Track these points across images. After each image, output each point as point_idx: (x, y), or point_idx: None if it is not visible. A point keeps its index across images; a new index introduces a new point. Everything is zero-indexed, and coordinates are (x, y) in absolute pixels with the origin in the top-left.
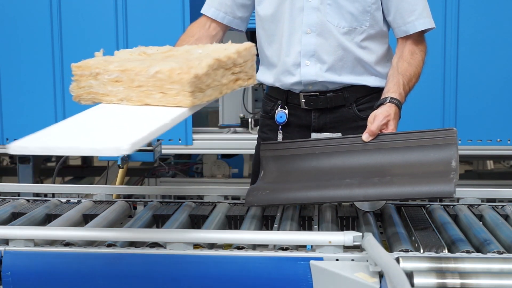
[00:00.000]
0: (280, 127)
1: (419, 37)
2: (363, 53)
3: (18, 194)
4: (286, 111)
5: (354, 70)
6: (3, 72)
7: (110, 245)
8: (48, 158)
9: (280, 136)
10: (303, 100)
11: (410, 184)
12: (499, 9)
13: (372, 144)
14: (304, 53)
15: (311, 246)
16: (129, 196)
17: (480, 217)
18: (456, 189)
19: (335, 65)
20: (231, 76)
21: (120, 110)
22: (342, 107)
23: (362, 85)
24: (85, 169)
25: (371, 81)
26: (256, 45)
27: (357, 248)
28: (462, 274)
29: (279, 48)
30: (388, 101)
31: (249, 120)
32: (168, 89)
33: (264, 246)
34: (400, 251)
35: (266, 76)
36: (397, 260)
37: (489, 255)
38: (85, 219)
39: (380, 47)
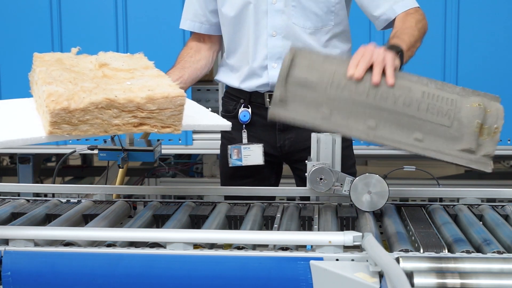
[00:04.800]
0: (244, 126)
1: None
2: (328, 52)
3: (18, 194)
4: (250, 110)
5: None
6: (3, 73)
7: (110, 245)
8: (48, 158)
9: (244, 136)
10: (268, 99)
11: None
12: (499, 9)
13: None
14: (271, 56)
15: (311, 246)
16: (129, 196)
17: (480, 217)
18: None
19: None
20: (131, 119)
21: (22, 109)
22: None
23: None
24: (85, 169)
25: None
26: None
27: (357, 248)
28: (462, 274)
29: (245, 51)
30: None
31: None
32: (43, 111)
33: (264, 246)
34: (400, 251)
35: (230, 78)
36: (397, 260)
37: (489, 255)
38: (85, 219)
39: (345, 45)
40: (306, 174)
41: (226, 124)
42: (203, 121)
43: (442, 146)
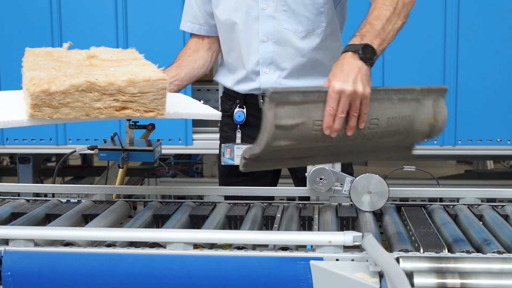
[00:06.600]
0: (238, 126)
1: None
2: (321, 54)
3: (18, 194)
4: (245, 110)
5: (313, 73)
6: (4, 74)
7: (110, 245)
8: (48, 158)
9: (238, 135)
10: (261, 101)
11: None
12: (499, 9)
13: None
14: (263, 62)
15: (311, 246)
16: (129, 196)
17: (480, 217)
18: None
19: (294, 71)
20: (113, 102)
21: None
22: None
23: None
24: (85, 169)
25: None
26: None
27: (357, 248)
28: (462, 274)
29: (238, 55)
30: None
31: None
32: (25, 95)
33: (264, 246)
34: (400, 251)
35: (226, 79)
36: (397, 260)
37: (489, 255)
38: (85, 219)
39: (335, 44)
40: (306, 174)
41: (216, 113)
42: (193, 109)
43: (393, 154)
